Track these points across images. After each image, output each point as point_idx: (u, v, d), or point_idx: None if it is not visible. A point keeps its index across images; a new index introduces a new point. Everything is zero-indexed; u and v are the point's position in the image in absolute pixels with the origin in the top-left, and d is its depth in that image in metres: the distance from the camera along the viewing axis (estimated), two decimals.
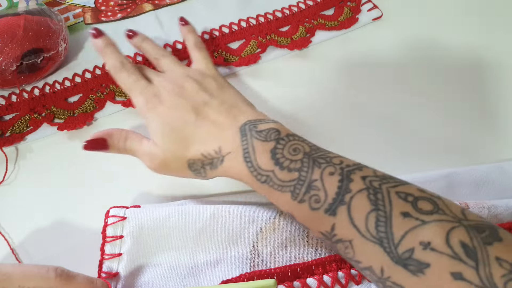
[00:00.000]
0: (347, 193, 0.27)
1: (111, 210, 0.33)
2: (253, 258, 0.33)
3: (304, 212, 0.28)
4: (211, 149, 0.32)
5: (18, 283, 0.26)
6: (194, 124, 0.32)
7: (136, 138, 0.34)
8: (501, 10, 0.53)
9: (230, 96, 0.35)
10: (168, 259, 0.32)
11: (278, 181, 0.29)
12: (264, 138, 0.30)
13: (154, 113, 0.33)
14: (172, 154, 0.32)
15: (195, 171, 0.33)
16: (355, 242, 0.26)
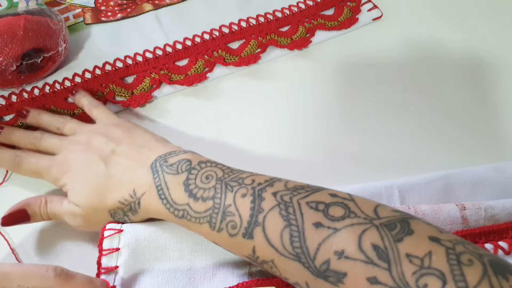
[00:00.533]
0: (260, 213, 0.27)
1: (108, 224, 0.33)
2: (250, 267, 0.33)
3: (224, 240, 0.28)
4: (126, 194, 0.31)
5: (18, 282, 0.26)
6: (106, 174, 0.32)
7: (56, 201, 0.34)
8: (501, 10, 0.53)
9: (138, 137, 0.35)
10: (165, 271, 0.32)
11: (194, 213, 0.29)
12: (176, 171, 0.30)
13: (66, 178, 0.33)
14: (92, 209, 0.32)
15: (120, 220, 0.33)
16: (276, 261, 0.26)
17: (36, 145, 0.37)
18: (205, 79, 0.45)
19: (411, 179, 0.37)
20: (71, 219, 0.33)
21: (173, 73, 0.45)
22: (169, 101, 0.44)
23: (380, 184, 0.37)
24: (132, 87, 0.44)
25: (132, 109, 0.43)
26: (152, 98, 0.44)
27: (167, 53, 0.46)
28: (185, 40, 0.47)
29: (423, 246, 0.23)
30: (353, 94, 0.45)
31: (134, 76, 0.45)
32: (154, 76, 0.44)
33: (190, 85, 0.44)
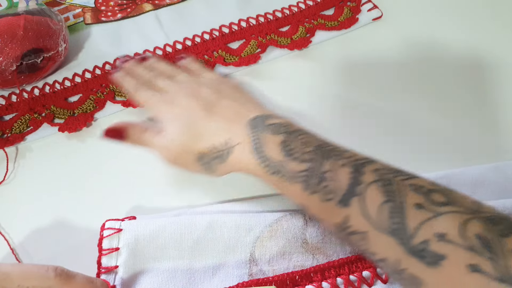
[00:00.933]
0: (359, 184, 0.27)
1: (107, 223, 0.33)
2: (251, 267, 0.33)
3: (316, 203, 0.28)
4: (219, 141, 0.32)
5: (18, 282, 0.26)
6: (205, 120, 0.33)
7: (154, 132, 0.35)
8: (501, 10, 0.52)
9: (242, 96, 0.36)
10: (165, 270, 0.32)
11: (288, 172, 0.29)
12: (274, 131, 0.31)
13: (169, 115, 0.35)
14: (183, 148, 0.33)
15: (204, 165, 0.33)
16: (369, 234, 0.26)
17: (152, 81, 0.39)
18: None
19: None
20: (162, 151, 0.35)
21: None
22: None
23: None
24: None
25: (132, 109, 0.43)
26: None
27: (167, 53, 0.46)
28: (185, 40, 0.47)
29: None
30: (353, 94, 0.45)
31: None
32: None
33: None
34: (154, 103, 0.36)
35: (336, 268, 0.33)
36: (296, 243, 0.33)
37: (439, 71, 0.47)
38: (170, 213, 0.35)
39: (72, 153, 0.40)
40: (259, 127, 0.31)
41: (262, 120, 0.32)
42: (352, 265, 0.33)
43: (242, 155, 0.31)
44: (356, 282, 0.32)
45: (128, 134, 0.35)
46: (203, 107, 0.34)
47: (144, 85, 0.38)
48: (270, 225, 0.33)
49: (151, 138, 0.35)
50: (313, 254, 0.33)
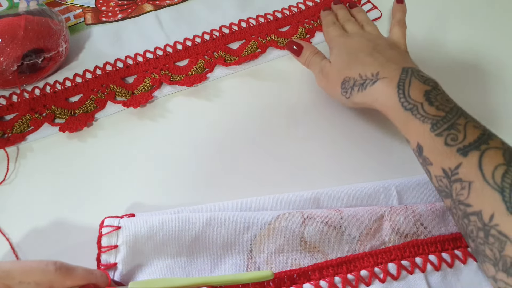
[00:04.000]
0: (484, 143, 0.29)
1: (106, 220, 0.34)
2: (248, 265, 0.33)
3: (437, 145, 0.31)
4: (369, 71, 0.36)
5: (19, 279, 0.26)
6: (367, 54, 0.38)
7: (320, 56, 0.42)
8: (501, 10, 0.53)
9: (407, 55, 0.40)
10: (163, 267, 0.32)
11: (423, 112, 0.32)
12: (423, 81, 0.34)
13: (341, 42, 0.41)
14: (336, 70, 0.39)
15: (343, 89, 0.38)
16: (475, 184, 0.28)
17: (344, 22, 0.45)
18: (206, 79, 0.45)
19: (409, 179, 0.37)
20: (318, 71, 0.41)
21: (174, 73, 0.45)
22: (169, 101, 0.44)
23: (379, 184, 0.37)
24: (133, 87, 0.44)
25: (133, 109, 0.43)
26: (153, 98, 0.44)
27: (167, 53, 0.46)
28: (186, 40, 0.47)
29: None
30: None
31: (135, 76, 0.45)
32: (155, 76, 0.44)
33: (190, 86, 0.44)
34: (335, 35, 0.42)
35: (334, 267, 0.33)
36: (294, 241, 0.33)
37: (438, 71, 0.47)
38: (169, 211, 0.35)
39: (73, 152, 0.40)
40: (411, 73, 0.34)
41: (416, 71, 0.35)
42: (350, 264, 0.33)
43: (384, 88, 0.34)
44: (354, 281, 0.32)
45: (302, 52, 0.42)
46: (371, 46, 0.39)
47: (337, 24, 0.44)
48: (269, 223, 0.34)
49: (318, 60, 0.41)
50: (311, 253, 0.33)
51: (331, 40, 0.43)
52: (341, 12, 0.46)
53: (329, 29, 0.44)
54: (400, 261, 0.33)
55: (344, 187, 0.37)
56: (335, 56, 0.40)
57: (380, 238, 0.34)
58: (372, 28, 0.44)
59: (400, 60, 0.37)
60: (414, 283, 0.32)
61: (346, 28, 0.44)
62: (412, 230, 0.34)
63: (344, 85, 0.38)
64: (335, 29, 0.43)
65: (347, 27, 0.44)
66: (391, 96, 0.34)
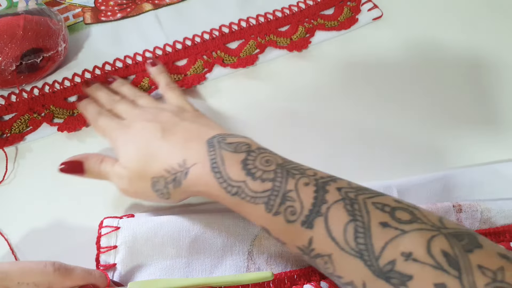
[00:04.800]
0: (323, 203, 0.26)
1: (105, 221, 0.34)
2: (248, 266, 0.33)
3: (279, 225, 0.27)
4: (174, 162, 0.30)
5: (17, 280, 0.26)
6: (160, 141, 0.32)
7: (109, 161, 0.34)
8: (501, 10, 0.52)
9: (202, 119, 0.35)
10: (163, 268, 0.32)
11: (250, 192, 0.28)
12: (234, 149, 0.29)
13: (122, 138, 0.34)
14: (137, 174, 0.32)
15: (158, 191, 0.31)
16: (334, 256, 0.26)
17: (112, 106, 0.38)
18: (204, 79, 0.45)
19: (410, 179, 0.37)
20: (118, 181, 0.33)
21: (172, 74, 0.45)
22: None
23: (379, 184, 0.37)
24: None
25: None
26: None
27: (166, 53, 0.46)
28: (185, 40, 0.47)
29: (494, 261, 0.23)
30: (353, 93, 0.45)
31: (134, 76, 0.45)
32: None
33: (189, 87, 0.44)
34: (110, 130, 0.35)
35: None
36: None
37: (439, 71, 0.47)
38: (168, 212, 0.35)
39: (72, 152, 0.40)
40: (218, 146, 0.30)
41: (222, 138, 0.30)
42: None
43: (200, 176, 0.29)
44: None
45: (85, 168, 0.34)
46: (159, 129, 0.33)
47: (103, 113, 0.37)
48: None
49: (108, 169, 0.34)
50: None
51: (108, 137, 0.36)
52: (102, 95, 0.40)
53: (98, 123, 0.37)
54: None
55: None
56: (125, 158, 0.33)
57: None
58: (145, 100, 0.38)
59: (199, 131, 0.32)
60: None
61: (117, 112, 0.37)
62: None
63: (155, 187, 0.31)
64: (106, 120, 0.36)
65: (117, 111, 0.37)
66: (212, 185, 0.29)
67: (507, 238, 0.33)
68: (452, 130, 0.42)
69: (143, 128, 0.33)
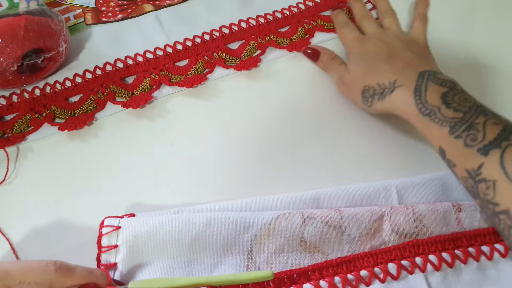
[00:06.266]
0: (505, 140, 0.29)
1: (106, 220, 0.34)
2: (248, 265, 0.33)
3: (457, 147, 0.31)
4: (387, 80, 0.37)
5: (19, 279, 0.27)
6: (384, 62, 0.38)
7: (338, 60, 0.43)
8: (501, 10, 0.53)
9: (425, 54, 0.40)
10: (163, 267, 0.32)
11: (441, 116, 0.32)
12: (440, 84, 0.34)
13: (357, 48, 0.41)
14: (354, 79, 0.40)
15: (364, 98, 0.39)
16: (499, 183, 0.28)
17: (360, 19, 0.45)
18: (205, 80, 0.45)
19: (409, 179, 0.37)
20: (337, 77, 0.42)
21: (173, 74, 0.45)
22: (168, 102, 0.44)
23: (379, 184, 0.37)
24: (132, 87, 0.44)
25: (132, 110, 0.43)
26: (152, 99, 0.44)
27: (167, 53, 0.46)
28: (186, 40, 0.47)
29: None
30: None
31: (134, 77, 0.45)
32: (154, 77, 0.44)
33: (190, 87, 0.44)
34: (350, 39, 0.42)
35: (334, 267, 0.33)
36: (294, 241, 0.33)
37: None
38: (169, 211, 0.35)
39: (73, 153, 0.40)
40: (427, 77, 0.35)
41: (432, 73, 0.35)
42: (350, 264, 0.33)
43: (402, 95, 0.35)
44: (354, 281, 0.32)
45: (320, 57, 0.43)
46: (387, 51, 0.39)
47: (349, 24, 0.44)
48: (269, 223, 0.34)
49: (335, 65, 0.42)
50: (311, 253, 0.33)
51: (346, 44, 0.43)
52: (357, 7, 0.46)
53: (343, 32, 0.44)
54: (400, 261, 0.33)
55: (344, 187, 0.37)
56: (353, 64, 0.41)
57: (380, 238, 0.34)
58: (390, 21, 0.44)
59: (417, 64, 0.37)
60: (414, 283, 0.32)
61: (362, 27, 0.44)
62: (413, 230, 0.34)
63: (364, 94, 0.39)
64: (349, 32, 0.43)
65: (362, 26, 0.44)
66: (409, 103, 0.35)
67: None
68: None
69: (375, 46, 0.40)
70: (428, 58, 0.39)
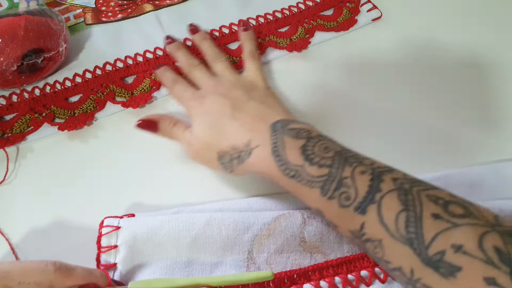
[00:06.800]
0: (377, 192, 0.27)
1: (105, 220, 0.34)
2: (248, 266, 0.33)
3: (333, 209, 0.28)
4: (240, 142, 0.33)
5: (19, 279, 0.27)
6: (230, 119, 0.34)
7: (182, 126, 0.37)
8: (501, 10, 0.53)
9: (271, 100, 0.37)
10: (163, 268, 0.32)
11: (307, 176, 0.29)
12: (295, 135, 0.31)
13: (197, 110, 0.37)
14: (205, 145, 0.35)
15: (223, 164, 0.34)
16: (384, 242, 0.26)
17: (188, 70, 0.41)
18: None
19: None
20: (186, 147, 0.37)
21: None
22: (168, 102, 0.44)
23: None
24: (132, 87, 0.44)
25: (132, 110, 0.43)
26: (152, 99, 0.44)
27: (167, 53, 0.46)
28: (186, 40, 0.47)
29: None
30: (352, 94, 0.45)
31: (134, 76, 0.45)
32: (154, 78, 0.44)
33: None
34: (185, 99, 0.38)
35: (334, 267, 0.33)
36: (294, 241, 0.33)
37: (438, 71, 0.47)
38: (169, 211, 0.35)
39: (72, 153, 0.40)
40: (281, 131, 0.32)
41: (285, 124, 0.32)
42: (350, 265, 0.33)
43: (261, 158, 0.32)
44: (354, 281, 0.32)
45: (159, 127, 0.37)
46: (230, 106, 0.35)
47: (179, 81, 0.40)
48: (269, 223, 0.34)
49: (180, 132, 0.37)
50: (311, 253, 0.33)
51: (183, 105, 0.39)
52: (181, 56, 0.42)
53: (176, 90, 0.40)
54: None
55: None
56: (198, 129, 0.36)
57: None
58: (222, 66, 0.40)
59: (265, 114, 0.34)
60: None
61: (193, 79, 0.40)
62: None
63: (221, 160, 0.34)
64: (183, 90, 0.39)
65: (193, 78, 0.40)
66: (271, 166, 0.31)
67: None
68: (452, 130, 0.43)
69: (215, 102, 0.36)
70: (274, 104, 0.36)
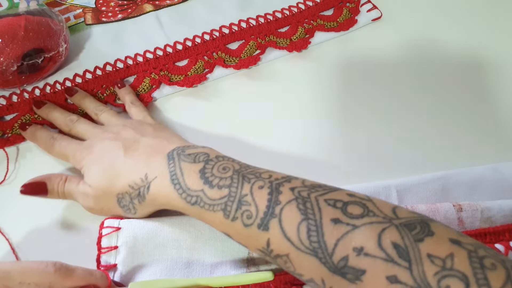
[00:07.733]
0: (277, 205, 0.27)
1: (106, 221, 0.34)
2: (248, 267, 0.33)
3: (238, 230, 0.28)
4: (137, 177, 0.31)
5: (19, 279, 0.27)
6: (123, 158, 0.33)
7: (74, 181, 0.34)
8: (501, 10, 0.53)
9: (163, 133, 0.35)
10: (163, 268, 0.32)
11: (208, 200, 0.28)
12: (193, 160, 0.30)
13: (86, 161, 0.34)
14: (102, 192, 0.33)
15: (124, 207, 0.32)
16: (291, 255, 0.26)
17: (70, 127, 0.38)
18: (205, 79, 0.45)
19: (409, 179, 0.37)
20: (83, 199, 0.34)
21: (173, 74, 0.45)
22: (168, 102, 0.44)
23: (379, 184, 0.37)
24: (133, 88, 0.44)
25: None
26: (152, 100, 0.44)
27: (167, 53, 0.46)
28: (185, 40, 0.47)
29: (444, 248, 0.23)
30: (352, 94, 0.45)
31: (134, 77, 0.45)
32: (154, 77, 0.44)
33: (190, 86, 0.44)
34: (71, 152, 0.35)
35: None
36: None
37: (438, 71, 0.47)
38: (169, 212, 0.35)
39: None
40: (177, 158, 0.31)
41: (181, 151, 0.31)
42: None
43: (160, 189, 0.30)
44: None
45: (48, 188, 0.34)
46: (122, 147, 0.33)
47: (57, 137, 0.37)
48: None
49: (73, 187, 0.34)
50: None
51: (70, 160, 0.36)
52: (57, 116, 0.39)
53: (55, 148, 0.36)
54: None
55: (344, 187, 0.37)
56: (91, 178, 0.33)
57: None
58: (107, 116, 0.39)
59: (160, 146, 0.33)
60: None
61: (77, 134, 0.38)
62: None
63: (121, 203, 0.32)
64: (67, 144, 0.36)
65: (77, 133, 0.38)
66: (172, 196, 0.30)
67: (506, 238, 0.33)
68: (452, 130, 0.43)
69: (105, 147, 0.34)
70: (167, 135, 0.35)
